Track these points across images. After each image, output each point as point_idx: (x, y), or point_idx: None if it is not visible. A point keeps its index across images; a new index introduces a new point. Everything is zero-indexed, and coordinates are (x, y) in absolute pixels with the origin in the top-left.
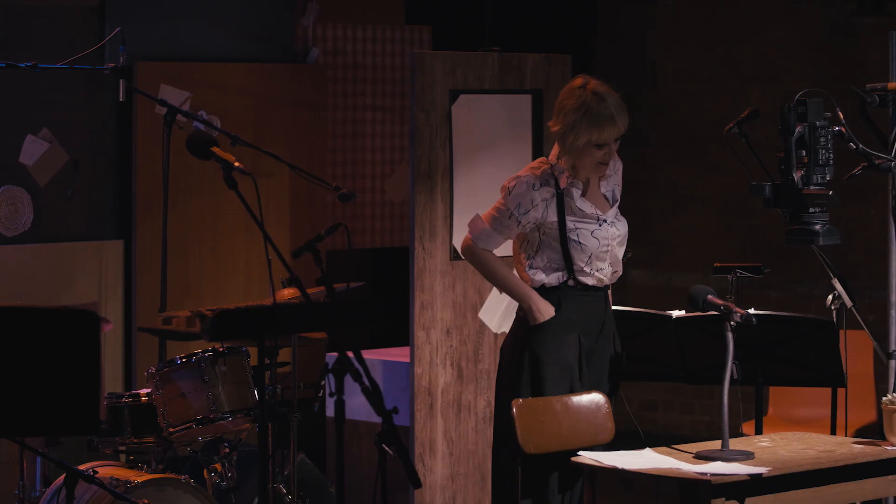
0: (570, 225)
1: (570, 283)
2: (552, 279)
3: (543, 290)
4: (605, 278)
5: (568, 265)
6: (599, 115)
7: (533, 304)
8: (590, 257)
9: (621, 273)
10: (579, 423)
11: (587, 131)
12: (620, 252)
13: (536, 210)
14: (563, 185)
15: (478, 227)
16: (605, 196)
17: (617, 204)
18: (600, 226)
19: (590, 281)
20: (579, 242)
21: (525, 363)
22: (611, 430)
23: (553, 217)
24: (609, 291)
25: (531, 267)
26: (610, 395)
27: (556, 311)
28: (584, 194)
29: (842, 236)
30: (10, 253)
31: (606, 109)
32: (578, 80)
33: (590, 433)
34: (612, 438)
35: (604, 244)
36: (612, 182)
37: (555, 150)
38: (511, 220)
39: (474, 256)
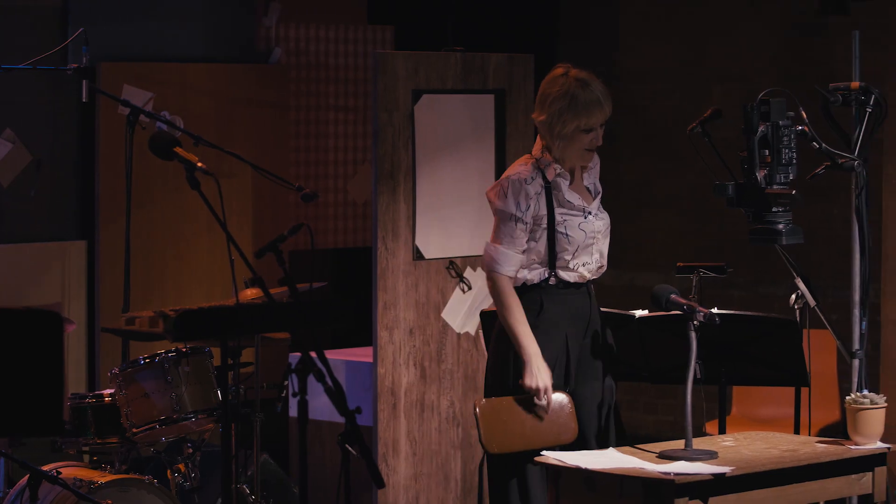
0: (558, 217)
1: (552, 281)
2: (534, 276)
3: (525, 288)
4: (587, 274)
5: (551, 260)
6: (586, 100)
7: (533, 364)
8: (577, 249)
9: (606, 268)
10: (542, 423)
11: (575, 117)
12: (605, 245)
13: (533, 204)
14: (550, 177)
15: (489, 255)
16: (587, 188)
17: (599, 196)
18: (586, 218)
19: (571, 277)
20: (567, 234)
21: (510, 365)
22: (574, 430)
23: (543, 210)
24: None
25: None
26: (605, 391)
27: (539, 310)
28: (570, 186)
29: (805, 236)
30: None
31: (592, 94)
32: (559, 70)
33: (553, 433)
34: (574, 438)
35: (590, 236)
36: (593, 174)
37: (538, 144)
38: (518, 226)
39: (495, 288)
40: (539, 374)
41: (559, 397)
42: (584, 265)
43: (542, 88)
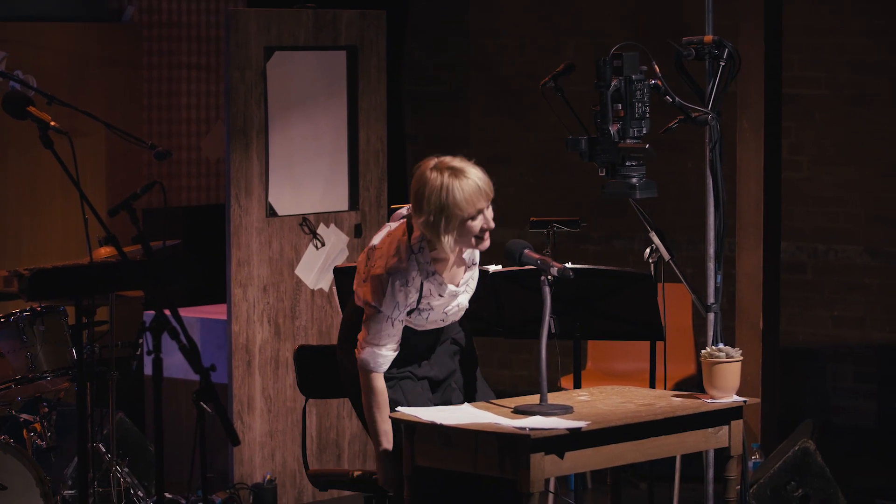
0: (423, 304)
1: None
2: None
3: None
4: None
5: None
6: (465, 189)
7: (383, 464)
8: (426, 322)
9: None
10: None
11: (458, 209)
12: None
13: (411, 297)
14: (424, 265)
15: (366, 359)
16: (464, 259)
17: (475, 266)
18: (456, 299)
19: (424, 326)
20: (420, 311)
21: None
22: None
23: (414, 297)
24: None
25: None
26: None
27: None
28: (445, 272)
29: (659, 190)
30: None
31: (469, 181)
32: (429, 163)
33: None
34: None
35: (451, 315)
36: (475, 272)
37: (415, 231)
38: (395, 324)
39: (370, 386)
40: (386, 476)
41: None
42: (436, 322)
43: (416, 186)
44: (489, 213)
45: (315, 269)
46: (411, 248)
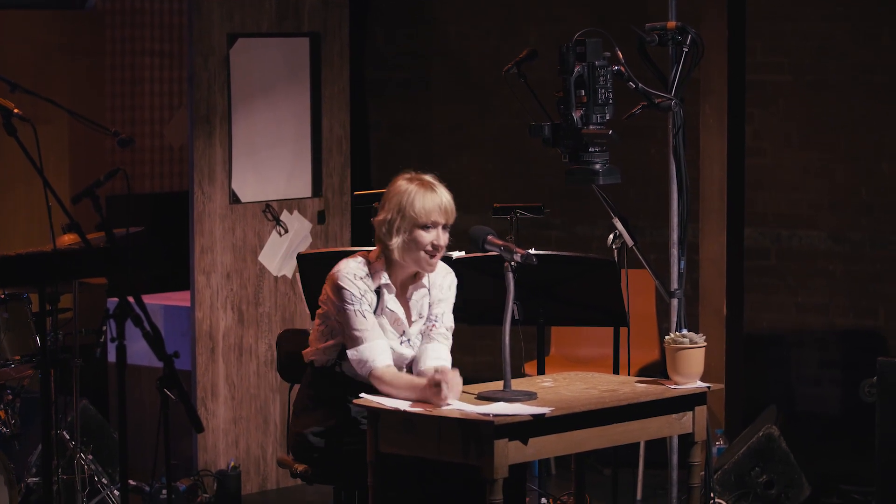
0: (378, 321)
1: (337, 368)
2: (323, 360)
3: (314, 370)
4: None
5: (342, 352)
6: (425, 195)
7: (430, 395)
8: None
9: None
10: None
11: (412, 211)
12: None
13: (368, 294)
14: (376, 282)
15: (356, 361)
16: (410, 307)
17: (422, 320)
18: (400, 342)
19: (359, 377)
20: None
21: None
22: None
23: (371, 308)
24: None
25: (324, 344)
26: None
27: (325, 389)
28: (396, 297)
29: (622, 175)
30: None
31: (433, 191)
32: (406, 174)
33: None
34: None
35: (397, 358)
36: (425, 296)
37: (376, 250)
38: (366, 314)
39: (382, 385)
40: (435, 398)
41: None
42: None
43: (386, 191)
44: (444, 234)
45: (278, 255)
46: (369, 259)
